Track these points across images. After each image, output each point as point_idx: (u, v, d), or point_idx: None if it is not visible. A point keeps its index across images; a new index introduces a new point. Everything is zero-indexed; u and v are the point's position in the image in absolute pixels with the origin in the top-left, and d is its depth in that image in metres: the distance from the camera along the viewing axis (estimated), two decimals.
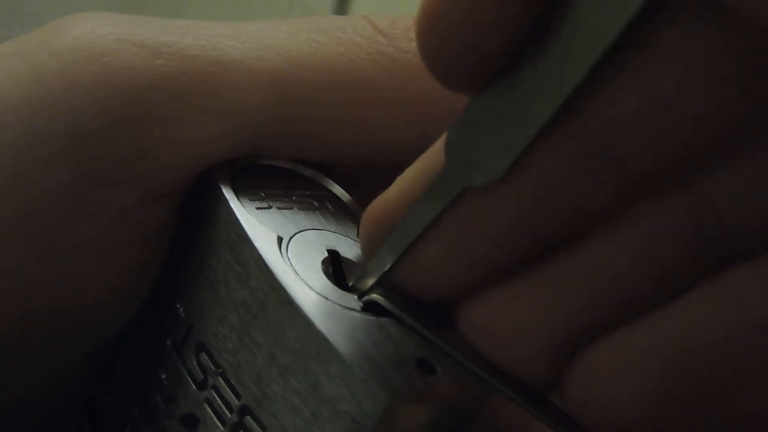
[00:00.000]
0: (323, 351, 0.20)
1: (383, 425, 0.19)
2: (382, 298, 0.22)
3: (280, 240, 0.22)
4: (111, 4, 0.35)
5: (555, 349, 0.20)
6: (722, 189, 0.19)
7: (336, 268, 0.23)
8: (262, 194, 0.24)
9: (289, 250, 0.22)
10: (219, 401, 0.22)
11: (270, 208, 0.23)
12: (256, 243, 0.22)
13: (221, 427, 0.22)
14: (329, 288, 0.22)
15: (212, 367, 0.22)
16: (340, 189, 0.25)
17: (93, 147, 0.22)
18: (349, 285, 0.22)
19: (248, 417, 0.21)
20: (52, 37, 0.23)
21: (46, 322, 0.23)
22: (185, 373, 0.23)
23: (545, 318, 0.20)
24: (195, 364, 0.23)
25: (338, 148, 0.24)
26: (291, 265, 0.22)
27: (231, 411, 0.22)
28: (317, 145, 0.24)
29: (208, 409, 0.22)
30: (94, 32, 0.23)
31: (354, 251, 0.23)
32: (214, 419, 0.22)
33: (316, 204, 0.24)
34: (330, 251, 0.23)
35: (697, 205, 0.19)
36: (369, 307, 0.22)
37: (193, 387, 0.23)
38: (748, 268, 0.19)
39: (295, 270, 0.22)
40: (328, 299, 0.21)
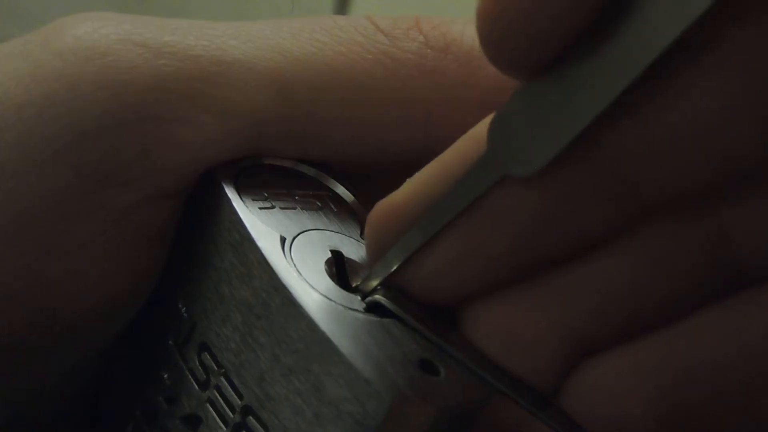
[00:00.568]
0: (326, 352, 0.20)
1: (386, 426, 0.19)
2: (386, 299, 0.22)
3: (283, 240, 0.22)
4: (111, 3, 0.35)
5: (559, 359, 0.20)
6: (736, 219, 0.19)
7: (339, 269, 0.23)
8: (265, 194, 0.24)
9: (292, 251, 0.22)
10: (221, 401, 0.22)
11: (273, 208, 0.23)
12: (259, 243, 0.22)
13: (223, 427, 0.22)
14: (332, 288, 0.22)
15: (215, 367, 0.22)
16: (343, 189, 0.25)
17: (95, 147, 0.22)
18: (353, 286, 0.22)
19: (251, 417, 0.21)
20: (54, 37, 0.23)
21: (48, 323, 0.23)
22: (188, 372, 0.23)
23: (552, 326, 0.20)
24: (197, 364, 0.23)
25: (340, 147, 0.24)
26: (294, 266, 0.22)
27: (233, 411, 0.22)
28: (319, 145, 0.24)
29: (211, 409, 0.22)
30: (96, 32, 0.23)
31: (357, 251, 0.23)
32: (217, 419, 0.22)
33: (319, 204, 0.24)
34: (333, 251, 0.23)
35: (709, 232, 0.20)
36: (372, 308, 0.22)
37: (196, 387, 0.23)
38: (755, 294, 0.19)
39: (298, 270, 0.22)
40: (331, 300, 0.21)
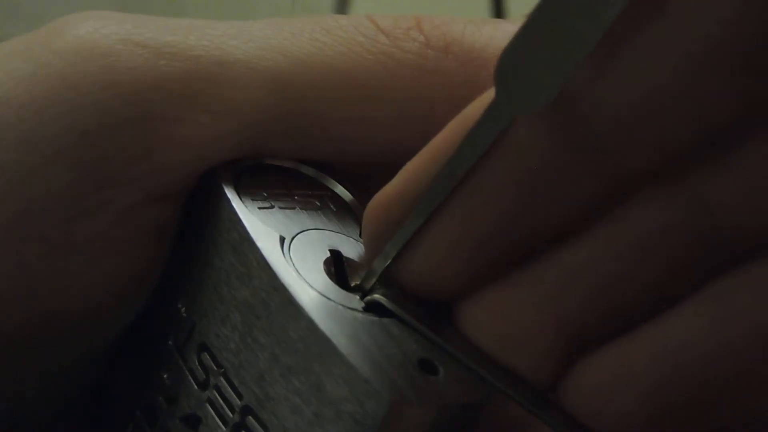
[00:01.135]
0: (325, 351, 0.20)
1: (385, 426, 0.19)
2: (385, 298, 0.22)
3: (283, 240, 0.22)
4: (112, 3, 0.35)
5: (554, 353, 0.20)
6: (717, 187, 0.19)
7: (338, 268, 0.23)
8: (265, 194, 0.24)
9: (292, 250, 0.22)
10: (221, 401, 0.22)
11: (272, 207, 0.23)
12: (259, 243, 0.22)
13: (223, 427, 0.22)
14: (332, 288, 0.22)
15: (214, 367, 0.22)
16: (343, 189, 0.25)
17: (95, 147, 0.22)
18: (352, 285, 0.22)
19: (250, 417, 0.21)
20: (55, 37, 0.23)
21: (48, 322, 0.23)
22: (187, 372, 0.23)
23: (545, 318, 0.20)
24: (197, 364, 0.23)
25: (341, 147, 0.24)
26: (293, 266, 0.22)
27: (233, 411, 0.22)
28: (320, 145, 0.24)
29: (210, 409, 0.22)
30: (97, 32, 0.23)
31: (356, 251, 0.23)
32: (216, 419, 0.22)
33: (318, 204, 0.24)
34: (332, 251, 0.23)
35: (692, 205, 0.19)
36: (371, 308, 0.22)
37: (195, 387, 0.23)
38: (743, 276, 0.19)
39: (297, 270, 0.22)
40: (330, 299, 0.21)
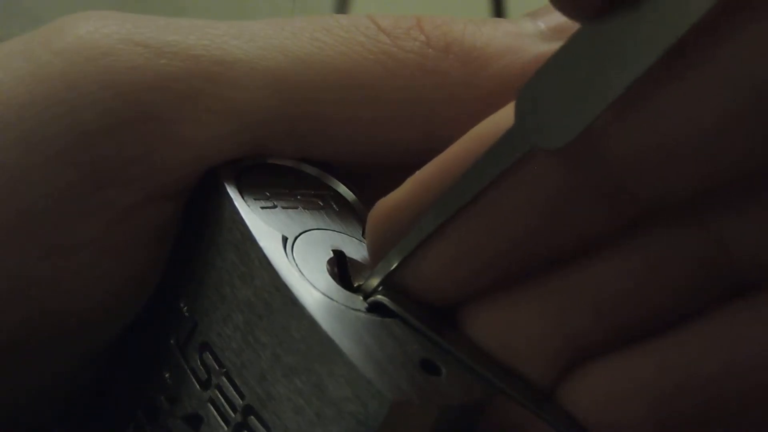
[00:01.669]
0: (328, 351, 0.20)
1: (387, 426, 0.19)
2: (387, 299, 0.22)
3: (285, 240, 0.22)
4: (112, 3, 0.35)
5: (557, 361, 0.21)
6: (733, 227, 0.19)
7: (341, 269, 0.23)
8: (267, 194, 0.24)
9: (294, 250, 0.22)
10: (223, 401, 0.22)
11: (275, 207, 0.23)
12: (261, 243, 0.22)
13: (225, 427, 0.22)
14: (334, 288, 0.22)
15: (216, 367, 0.22)
16: (345, 188, 0.25)
17: (96, 147, 0.22)
18: (355, 285, 0.22)
19: (252, 417, 0.21)
20: (55, 37, 0.23)
21: (49, 322, 0.23)
22: (189, 372, 0.23)
23: (550, 329, 0.20)
24: (199, 363, 0.23)
25: (342, 147, 0.24)
26: (296, 265, 0.22)
27: (235, 411, 0.22)
28: (321, 145, 0.24)
29: (212, 408, 0.22)
30: (98, 32, 0.23)
31: (359, 251, 0.23)
32: (218, 419, 0.22)
33: (320, 203, 0.24)
34: (335, 251, 0.23)
35: (707, 241, 0.20)
36: (374, 308, 0.22)
37: (197, 386, 0.23)
38: (750, 305, 0.19)
39: (300, 270, 0.22)
40: (332, 300, 0.21)
